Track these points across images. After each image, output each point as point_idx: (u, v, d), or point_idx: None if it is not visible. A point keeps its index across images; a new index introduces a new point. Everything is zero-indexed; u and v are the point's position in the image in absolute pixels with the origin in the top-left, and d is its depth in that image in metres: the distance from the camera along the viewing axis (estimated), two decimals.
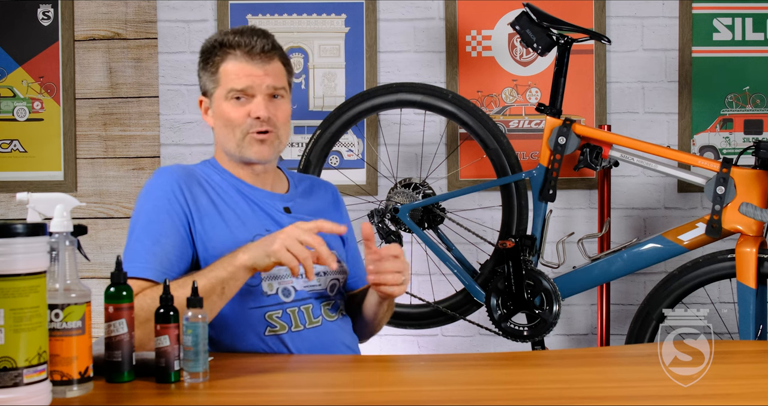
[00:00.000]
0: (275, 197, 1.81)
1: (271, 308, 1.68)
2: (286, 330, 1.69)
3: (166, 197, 1.67)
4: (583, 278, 2.44)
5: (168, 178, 1.70)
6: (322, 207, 1.90)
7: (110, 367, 1.35)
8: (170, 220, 1.65)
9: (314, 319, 1.72)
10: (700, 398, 1.27)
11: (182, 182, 1.70)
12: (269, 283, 1.68)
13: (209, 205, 1.71)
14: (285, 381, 1.44)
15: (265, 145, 1.74)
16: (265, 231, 1.70)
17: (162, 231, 1.64)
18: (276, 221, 1.76)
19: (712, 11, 2.84)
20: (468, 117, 2.53)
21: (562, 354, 1.93)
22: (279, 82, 1.76)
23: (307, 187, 1.92)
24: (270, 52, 1.75)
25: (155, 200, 1.67)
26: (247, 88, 1.72)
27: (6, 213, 2.93)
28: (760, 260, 2.21)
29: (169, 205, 1.66)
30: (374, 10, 2.88)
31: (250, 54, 1.73)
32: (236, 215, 1.72)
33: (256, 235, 1.68)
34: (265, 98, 1.74)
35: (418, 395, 1.37)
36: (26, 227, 1.20)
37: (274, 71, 1.75)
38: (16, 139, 2.93)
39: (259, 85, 1.73)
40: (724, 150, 2.85)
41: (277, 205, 1.80)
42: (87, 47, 2.92)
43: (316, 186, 1.95)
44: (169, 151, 2.93)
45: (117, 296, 1.35)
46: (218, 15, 2.89)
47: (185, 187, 1.70)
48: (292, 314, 1.70)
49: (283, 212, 1.80)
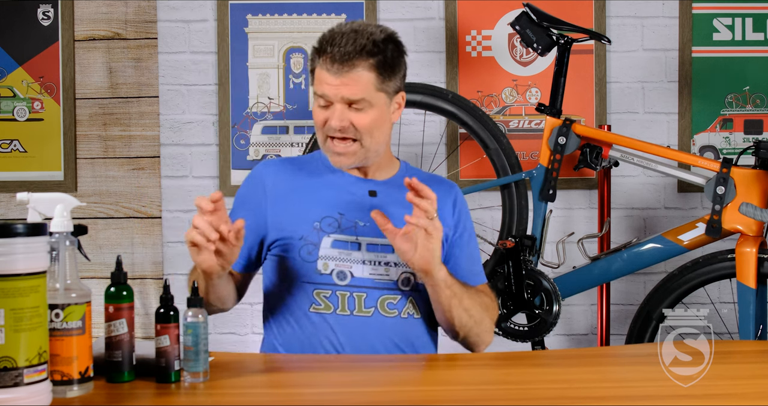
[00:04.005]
0: (364, 182, 1.82)
1: (320, 287, 1.72)
2: (331, 311, 1.72)
3: (247, 186, 1.86)
4: (583, 278, 2.44)
5: (253, 174, 1.86)
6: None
7: (110, 367, 1.35)
8: (246, 205, 1.82)
9: (365, 309, 1.72)
10: (700, 398, 1.27)
11: (267, 173, 1.83)
12: (325, 262, 1.72)
13: (289, 192, 1.80)
14: (285, 381, 1.44)
15: (343, 156, 1.75)
16: (337, 214, 1.75)
17: (237, 215, 1.79)
18: (357, 202, 1.78)
19: (712, 11, 2.84)
20: (468, 117, 2.53)
21: (562, 354, 1.93)
22: (356, 93, 1.69)
23: (419, 180, 1.81)
24: (354, 59, 1.68)
25: (241, 189, 1.87)
26: (325, 95, 1.71)
27: (6, 213, 2.93)
28: (760, 260, 2.21)
29: (247, 191, 1.85)
30: (374, 10, 2.88)
31: (331, 61, 1.69)
32: (313, 198, 1.78)
33: (325, 217, 1.75)
34: (343, 107, 1.71)
35: (418, 395, 1.37)
36: (26, 227, 1.20)
37: (353, 80, 1.69)
38: (16, 139, 2.93)
39: (335, 94, 1.70)
40: (724, 150, 2.85)
41: (364, 189, 1.81)
42: (87, 47, 2.92)
43: (433, 181, 1.81)
44: (169, 151, 2.93)
45: (117, 296, 1.35)
46: (218, 15, 2.89)
47: (269, 177, 1.82)
48: (342, 297, 1.72)
49: (368, 195, 1.80)
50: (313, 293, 1.73)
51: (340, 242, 1.73)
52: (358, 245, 1.74)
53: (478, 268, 1.87)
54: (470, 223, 1.88)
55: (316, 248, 1.73)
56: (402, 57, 1.77)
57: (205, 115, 2.93)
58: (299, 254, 1.73)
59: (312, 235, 1.74)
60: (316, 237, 1.73)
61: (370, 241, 1.74)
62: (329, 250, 1.73)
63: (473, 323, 1.75)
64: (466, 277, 1.80)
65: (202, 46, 2.92)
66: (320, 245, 1.73)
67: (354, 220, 1.75)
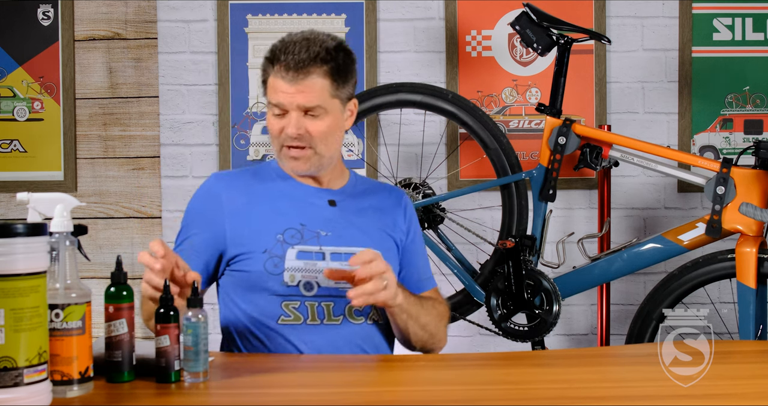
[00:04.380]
0: (322, 191, 1.83)
1: (289, 298, 1.71)
2: (301, 321, 1.71)
3: (199, 202, 1.82)
4: (583, 278, 2.44)
5: (205, 186, 1.83)
6: (380, 206, 1.87)
7: (110, 367, 1.35)
8: (201, 219, 1.78)
9: (334, 317, 1.73)
10: (700, 398, 1.27)
11: (221, 187, 1.80)
12: (292, 274, 1.71)
13: (245, 204, 1.78)
14: (285, 381, 1.44)
15: (299, 161, 1.76)
16: (299, 225, 1.75)
17: (192, 230, 1.78)
18: (317, 214, 1.78)
19: (712, 11, 2.84)
20: (468, 117, 2.52)
21: (562, 354, 1.93)
22: (311, 100, 1.71)
23: (368, 187, 1.92)
24: (308, 67, 1.70)
25: (190, 208, 1.83)
26: (279, 104, 1.73)
27: (6, 213, 2.93)
28: (760, 260, 2.21)
29: (202, 206, 1.81)
30: (374, 10, 2.88)
31: (285, 70, 1.70)
32: (273, 210, 1.77)
33: (288, 228, 1.74)
34: (298, 115, 1.72)
35: (418, 395, 1.37)
36: (26, 227, 1.20)
37: (308, 87, 1.71)
38: (16, 139, 2.93)
39: (290, 102, 1.71)
40: (724, 150, 2.85)
41: (323, 198, 1.82)
42: (87, 47, 2.92)
43: (380, 188, 1.93)
44: (169, 151, 2.93)
45: (117, 295, 1.35)
46: (218, 15, 2.89)
47: (223, 191, 1.79)
48: (311, 307, 1.72)
49: (328, 205, 1.81)
50: (281, 305, 1.72)
51: (305, 252, 1.73)
52: (322, 254, 1.74)
53: (429, 272, 1.95)
54: (419, 226, 1.95)
55: (281, 261, 1.71)
56: (353, 65, 1.80)
57: (205, 115, 2.93)
58: (264, 267, 1.71)
59: (276, 247, 1.72)
60: (280, 249, 1.72)
61: (334, 250, 1.75)
62: (295, 261, 1.72)
63: (428, 336, 1.79)
64: (421, 283, 1.88)
65: (202, 46, 2.92)
66: (285, 257, 1.72)
67: (316, 230, 1.76)
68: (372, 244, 1.73)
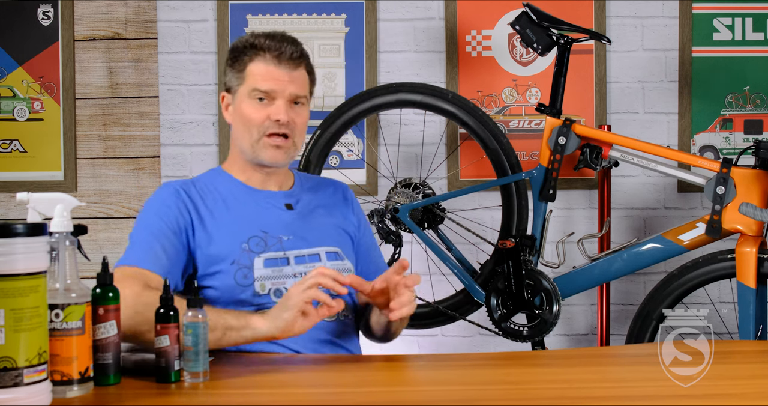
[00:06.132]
0: (277, 196, 1.84)
1: (261, 307, 1.70)
2: None
3: (164, 206, 1.74)
4: (583, 278, 2.44)
5: (167, 191, 1.77)
6: (329, 203, 1.91)
7: (96, 370, 1.32)
8: (166, 226, 1.71)
9: None
10: (700, 398, 1.27)
11: (182, 194, 1.76)
12: (262, 283, 1.71)
13: (206, 214, 1.75)
14: (285, 381, 1.44)
15: (280, 150, 1.78)
16: (261, 232, 1.75)
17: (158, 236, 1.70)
18: (277, 218, 1.79)
19: (712, 11, 2.84)
20: (468, 117, 2.52)
21: (562, 354, 1.93)
22: (302, 90, 1.80)
23: (313, 185, 1.94)
24: (298, 60, 1.79)
25: (154, 211, 1.74)
26: (271, 91, 1.76)
27: (6, 213, 2.93)
28: (760, 260, 2.21)
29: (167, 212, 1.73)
30: (374, 10, 2.88)
31: (278, 58, 1.77)
32: (233, 219, 1.76)
33: (252, 237, 1.73)
34: (287, 103, 1.77)
35: (418, 395, 1.37)
36: (26, 227, 1.20)
37: (299, 79, 1.79)
38: (16, 139, 2.93)
39: (282, 90, 1.77)
40: (724, 150, 2.85)
41: (279, 202, 1.83)
42: (87, 47, 2.92)
43: (324, 184, 1.97)
44: (169, 151, 2.93)
45: (104, 297, 1.34)
46: (218, 15, 2.89)
47: (186, 198, 1.75)
48: None
49: (285, 208, 1.83)
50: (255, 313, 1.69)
51: (271, 259, 1.73)
52: (286, 259, 1.74)
53: (384, 261, 2.00)
54: (366, 217, 2.01)
55: (250, 271, 1.71)
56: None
57: (205, 115, 2.93)
58: (234, 278, 1.70)
59: (243, 257, 1.72)
60: (247, 259, 1.72)
61: (297, 253, 1.76)
62: (263, 270, 1.72)
63: (402, 327, 1.85)
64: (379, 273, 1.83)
65: (202, 46, 2.92)
66: (253, 266, 1.71)
67: (278, 236, 1.76)
68: (332, 242, 1.80)
